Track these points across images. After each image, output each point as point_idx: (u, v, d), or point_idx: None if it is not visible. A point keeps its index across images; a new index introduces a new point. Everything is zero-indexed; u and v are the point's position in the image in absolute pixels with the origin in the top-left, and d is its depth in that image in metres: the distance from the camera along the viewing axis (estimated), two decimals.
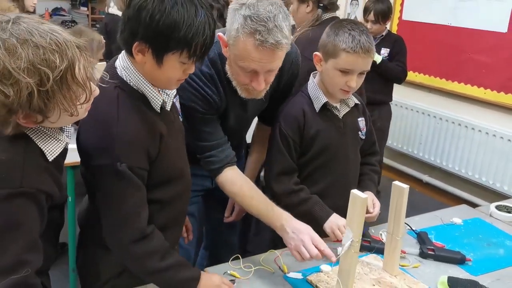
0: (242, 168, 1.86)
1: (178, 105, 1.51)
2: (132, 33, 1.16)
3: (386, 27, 3.74)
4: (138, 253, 1.24)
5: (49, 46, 0.96)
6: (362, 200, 1.33)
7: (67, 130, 1.15)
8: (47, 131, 1.08)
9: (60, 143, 1.10)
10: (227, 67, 1.56)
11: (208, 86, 1.57)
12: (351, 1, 4.72)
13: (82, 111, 1.07)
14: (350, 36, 1.58)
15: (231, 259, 1.54)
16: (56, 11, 7.00)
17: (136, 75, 1.22)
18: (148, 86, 1.23)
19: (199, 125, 1.58)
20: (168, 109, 1.32)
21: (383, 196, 4.03)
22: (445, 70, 3.98)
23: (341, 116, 1.73)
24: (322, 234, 1.64)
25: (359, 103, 1.79)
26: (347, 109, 1.75)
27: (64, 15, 7.01)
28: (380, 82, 3.67)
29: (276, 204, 1.56)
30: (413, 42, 4.05)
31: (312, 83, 1.72)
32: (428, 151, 4.18)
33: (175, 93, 1.37)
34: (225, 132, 1.67)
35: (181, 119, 1.50)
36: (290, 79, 1.76)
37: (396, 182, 1.49)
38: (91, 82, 1.04)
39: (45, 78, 0.95)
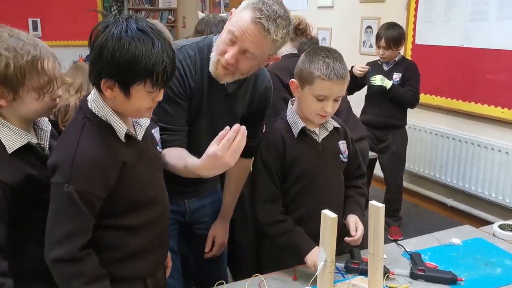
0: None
1: (157, 136, 1.59)
2: (98, 72, 1.26)
3: (399, 53, 3.77)
4: (63, 272, 1.27)
5: (28, 41, 1.29)
6: (332, 219, 1.35)
7: (44, 129, 1.40)
8: (10, 125, 1.24)
9: (21, 138, 1.24)
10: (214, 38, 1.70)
11: (189, 68, 1.68)
12: (366, 29, 4.77)
13: (46, 100, 1.34)
14: (324, 64, 1.63)
15: (216, 284, 1.57)
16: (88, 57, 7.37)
17: (104, 107, 1.31)
18: (113, 117, 1.31)
19: (165, 104, 1.63)
20: (140, 139, 1.39)
21: (405, 221, 4.01)
22: (462, 92, 3.93)
23: (320, 140, 1.76)
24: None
25: (340, 126, 1.82)
26: (326, 133, 1.77)
27: None
28: (392, 106, 3.68)
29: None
30: (428, 65, 4.05)
31: (290, 110, 1.76)
32: (450, 174, 4.10)
33: (148, 123, 1.44)
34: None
35: (159, 150, 1.57)
36: (263, 104, 1.85)
37: (372, 202, 1.49)
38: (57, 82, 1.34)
39: (19, 57, 1.25)
